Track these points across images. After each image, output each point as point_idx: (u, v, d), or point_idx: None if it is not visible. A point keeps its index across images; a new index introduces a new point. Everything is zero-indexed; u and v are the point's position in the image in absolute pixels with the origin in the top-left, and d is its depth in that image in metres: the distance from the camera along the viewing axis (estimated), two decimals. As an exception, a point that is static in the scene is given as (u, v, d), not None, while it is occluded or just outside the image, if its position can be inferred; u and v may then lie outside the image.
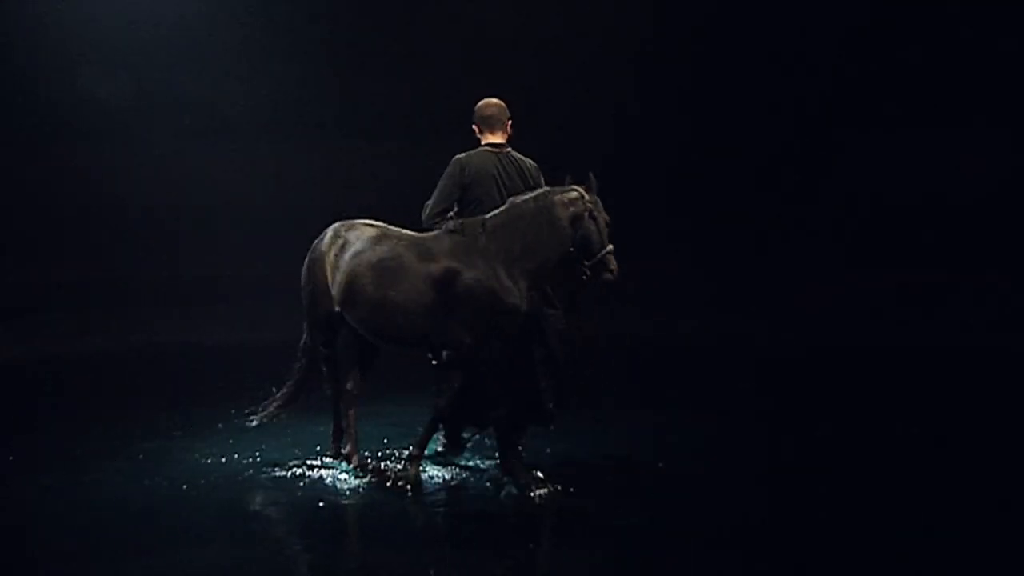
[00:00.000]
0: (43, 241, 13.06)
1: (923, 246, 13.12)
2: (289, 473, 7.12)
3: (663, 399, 9.22)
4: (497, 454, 6.97)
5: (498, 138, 7.01)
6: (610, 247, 6.67)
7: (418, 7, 13.74)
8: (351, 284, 6.88)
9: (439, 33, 13.70)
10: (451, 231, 6.76)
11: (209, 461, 7.41)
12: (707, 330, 12.19)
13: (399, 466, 7.09)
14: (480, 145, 7.01)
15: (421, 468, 7.00)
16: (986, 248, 12.99)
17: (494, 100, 7.11)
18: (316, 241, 7.19)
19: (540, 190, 6.78)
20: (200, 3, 13.47)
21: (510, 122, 7.08)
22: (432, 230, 6.87)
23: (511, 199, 6.75)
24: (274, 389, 7.53)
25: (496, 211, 6.74)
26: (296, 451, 7.56)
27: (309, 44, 13.75)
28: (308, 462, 7.29)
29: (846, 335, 11.80)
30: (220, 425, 8.26)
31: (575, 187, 6.71)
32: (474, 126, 7.07)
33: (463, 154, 6.96)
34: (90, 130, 13.57)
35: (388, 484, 6.86)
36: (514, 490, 6.68)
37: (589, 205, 6.65)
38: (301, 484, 6.94)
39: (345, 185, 13.93)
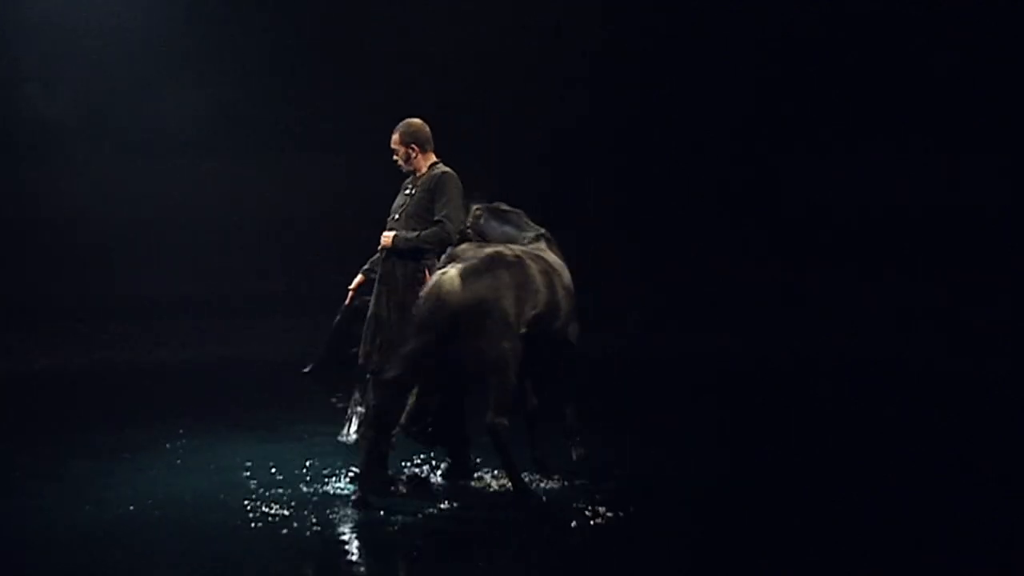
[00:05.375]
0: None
1: (900, 256, 13.09)
2: (239, 493, 6.97)
3: (631, 414, 9.15)
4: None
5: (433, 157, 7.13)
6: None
7: (365, 18, 13.68)
8: None
9: (387, 44, 13.65)
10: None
11: (157, 482, 7.25)
12: (667, 344, 12.15)
13: None
14: (435, 162, 7.04)
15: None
16: (962, 259, 12.86)
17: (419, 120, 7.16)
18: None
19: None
20: (144, 17, 13.34)
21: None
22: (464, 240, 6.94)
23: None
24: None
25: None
26: (246, 472, 7.44)
27: (256, 57, 13.66)
28: (259, 481, 7.18)
29: (816, 348, 11.79)
30: (167, 445, 8.13)
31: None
32: (415, 145, 7.02)
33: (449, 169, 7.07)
34: (31, 147, 13.38)
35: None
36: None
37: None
38: (251, 504, 6.79)
39: (292, 199, 13.83)
